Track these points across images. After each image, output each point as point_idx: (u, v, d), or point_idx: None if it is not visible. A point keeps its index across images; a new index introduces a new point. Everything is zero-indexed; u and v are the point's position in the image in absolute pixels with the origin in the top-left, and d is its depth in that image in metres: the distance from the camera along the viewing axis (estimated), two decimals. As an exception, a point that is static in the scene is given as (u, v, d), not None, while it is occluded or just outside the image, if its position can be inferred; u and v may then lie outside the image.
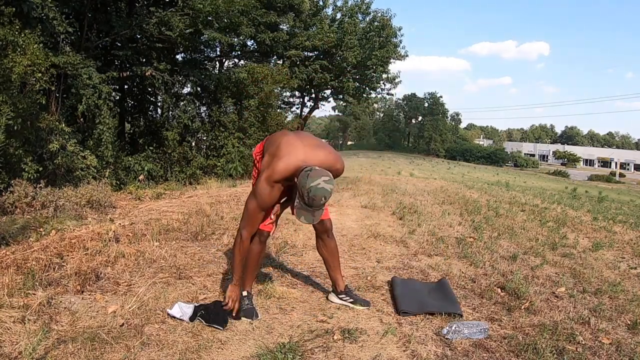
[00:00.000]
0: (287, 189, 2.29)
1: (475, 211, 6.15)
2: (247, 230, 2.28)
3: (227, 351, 2.05)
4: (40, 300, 2.32)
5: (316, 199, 2.03)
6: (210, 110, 10.18)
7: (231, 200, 5.79)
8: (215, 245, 3.70)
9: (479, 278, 3.25)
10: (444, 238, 4.36)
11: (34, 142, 5.53)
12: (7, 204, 4.39)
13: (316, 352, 2.07)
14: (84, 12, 7.72)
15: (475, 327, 2.33)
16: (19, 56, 5.00)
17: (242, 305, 2.40)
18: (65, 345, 1.96)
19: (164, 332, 2.17)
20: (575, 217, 6.55)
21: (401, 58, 24.81)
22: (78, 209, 4.58)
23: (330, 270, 2.61)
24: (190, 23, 8.39)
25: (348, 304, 2.55)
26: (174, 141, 8.99)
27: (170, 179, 8.65)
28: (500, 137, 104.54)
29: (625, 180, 45.36)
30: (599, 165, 71.16)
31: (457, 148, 55.69)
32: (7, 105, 4.78)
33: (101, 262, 3.00)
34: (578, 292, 3.12)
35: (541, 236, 4.86)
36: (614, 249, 4.58)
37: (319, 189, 2.02)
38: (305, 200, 2.06)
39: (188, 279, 2.88)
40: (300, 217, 2.11)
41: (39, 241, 3.26)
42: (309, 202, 2.05)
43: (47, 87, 5.68)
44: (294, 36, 15.26)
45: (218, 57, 13.14)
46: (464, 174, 22.46)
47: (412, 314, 2.52)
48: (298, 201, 2.10)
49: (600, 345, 2.32)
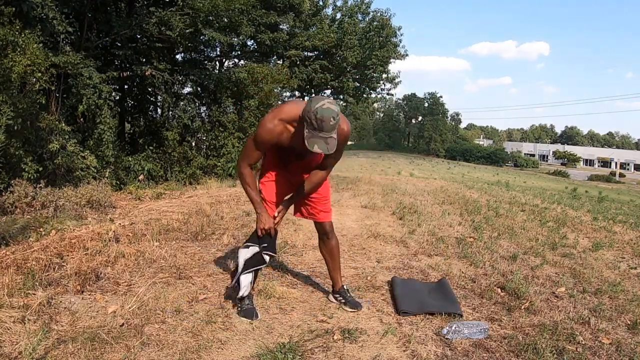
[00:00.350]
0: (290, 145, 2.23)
1: (475, 211, 6.15)
2: (243, 164, 2.33)
3: (227, 351, 2.05)
4: (40, 300, 2.32)
5: (325, 119, 1.97)
6: (210, 110, 10.17)
7: (231, 200, 5.79)
8: (215, 245, 3.70)
9: (479, 278, 3.25)
10: (444, 238, 4.36)
11: (34, 142, 5.52)
12: (7, 204, 4.39)
13: (316, 352, 2.07)
14: (84, 12, 7.71)
15: (475, 327, 2.33)
16: (19, 56, 4.99)
17: (242, 305, 2.40)
18: (65, 345, 1.96)
19: (164, 332, 2.17)
20: (575, 217, 6.55)
21: (401, 58, 24.81)
22: (78, 209, 4.58)
23: (330, 270, 2.65)
24: (190, 23, 8.38)
25: (340, 303, 2.58)
26: (174, 141, 8.98)
27: (170, 179, 8.64)
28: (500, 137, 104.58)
29: (625, 180, 45.36)
30: (599, 165, 71.16)
31: (457, 148, 55.70)
32: (7, 105, 4.78)
33: (101, 262, 3.00)
34: (578, 292, 3.12)
35: (541, 236, 4.86)
36: (614, 249, 4.58)
37: (324, 109, 1.98)
38: (314, 125, 1.98)
39: (188, 279, 2.88)
40: (313, 146, 2.00)
41: (39, 241, 3.26)
42: (318, 125, 1.98)
43: (47, 87, 5.68)
44: (294, 36, 15.26)
45: (218, 57, 13.15)
46: (464, 174, 22.46)
47: (412, 314, 2.52)
48: (307, 131, 2.01)
49: (600, 345, 2.32)
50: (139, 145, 9.83)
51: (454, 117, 63.22)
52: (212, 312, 2.41)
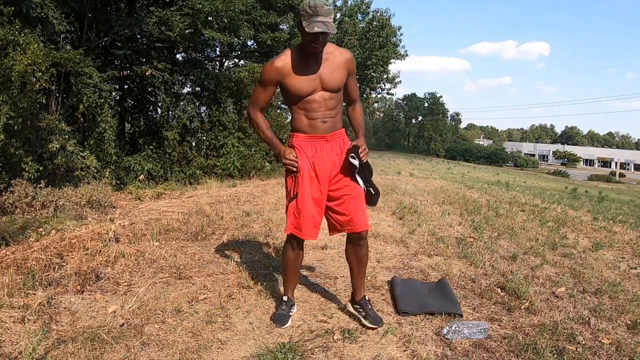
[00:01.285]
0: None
1: (475, 211, 6.15)
2: (252, 108, 2.33)
3: (227, 351, 2.05)
4: (40, 300, 2.32)
5: (318, 5, 2.00)
6: (210, 110, 10.17)
7: (231, 200, 5.79)
8: (215, 245, 3.70)
9: (479, 278, 3.25)
10: (444, 238, 4.36)
11: (34, 142, 5.53)
12: (7, 204, 4.39)
13: (316, 352, 2.07)
14: (84, 12, 7.71)
15: (475, 327, 2.33)
16: (19, 55, 4.99)
17: (278, 309, 2.40)
18: (65, 345, 1.97)
19: (164, 332, 2.17)
20: (575, 217, 6.55)
21: (401, 57, 24.84)
22: (78, 209, 4.58)
23: (353, 277, 2.43)
24: (190, 23, 8.38)
25: (360, 316, 2.38)
26: (174, 141, 8.98)
27: (170, 179, 8.64)
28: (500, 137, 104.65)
29: (625, 180, 45.38)
30: (599, 165, 71.18)
31: (457, 148, 55.71)
32: (7, 105, 4.78)
33: (101, 262, 3.00)
34: (578, 292, 3.12)
35: (541, 236, 4.86)
36: (614, 249, 4.57)
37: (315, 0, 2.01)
38: (310, 12, 2.01)
39: (188, 279, 2.88)
40: (313, 28, 2.00)
41: (39, 241, 3.26)
42: (313, 10, 2.01)
43: (47, 87, 5.68)
44: (294, 36, 15.25)
45: (218, 57, 13.14)
46: (464, 174, 22.46)
47: (412, 314, 2.52)
48: (305, 21, 2.03)
49: (600, 345, 2.32)
50: (139, 145, 9.83)
51: (454, 117, 63.23)
52: (212, 312, 2.41)
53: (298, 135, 2.27)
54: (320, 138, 2.25)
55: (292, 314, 2.40)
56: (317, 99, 2.20)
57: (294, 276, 2.46)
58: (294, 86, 2.18)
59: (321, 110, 2.22)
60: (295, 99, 2.22)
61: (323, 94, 2.20)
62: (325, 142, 2.26)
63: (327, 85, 2.19)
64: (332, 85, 2.20)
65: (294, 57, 2.17)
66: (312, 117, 2.23)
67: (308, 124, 2.24)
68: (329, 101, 2.22)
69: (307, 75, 2.17)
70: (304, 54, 2.15)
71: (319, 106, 2.21)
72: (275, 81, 2.21)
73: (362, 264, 2.41)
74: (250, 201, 5.80)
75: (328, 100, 2.22)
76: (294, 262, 2.39)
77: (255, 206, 5.40)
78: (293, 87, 2.18)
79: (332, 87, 2.20)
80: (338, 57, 2.21)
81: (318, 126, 2.24)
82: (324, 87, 2.20)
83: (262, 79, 2.25)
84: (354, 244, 2.36)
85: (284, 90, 2.23)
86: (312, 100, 2.20)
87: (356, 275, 2.42)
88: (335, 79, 2.20)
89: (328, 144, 2.26)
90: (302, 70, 2.16)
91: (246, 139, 9.83)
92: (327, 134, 2.25)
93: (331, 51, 2.20)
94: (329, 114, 2.24)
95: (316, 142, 2.25)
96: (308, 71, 2.16)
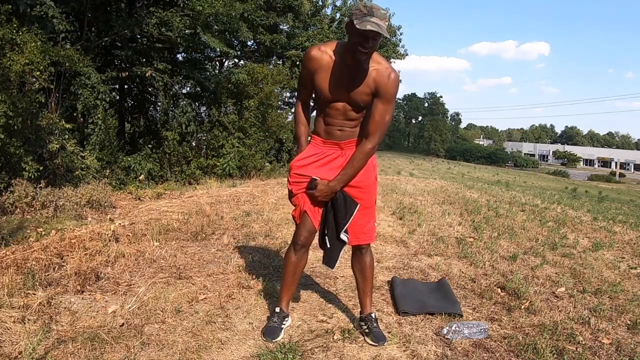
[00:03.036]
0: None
1: (475, 211, 6.15)
2: (297, 100, 2.23)
3: (227, 351, 2.05)
4: (40, 300, 2.32)
5: (374, 7, 1.85)
6: (210, 110, 10.18)
7: (231, 200, 5.79)
8: (215, 245, 3.70)
9: (479, 278, 3.25)
10: (444, 238, 4.36)
11: (34, 142, 5.52)
12: (7, 204, 4.39)
13: (316, 352, 2.07)
14: (84, 12, 7.72)
15: (475, 327, 2.33)
16: (17, 55, 4.99)
17: (269, 321, 2.25)
18: (65, 345, 1.96)
19: (164, 332, 2.17)
20: (575, 217, 6.55)
21: (401, 57, 24.78)
22: (78, 209, 4.58)
23: (359, 291, 2.35)
24: (190, 24, 8.39)
25: (362, 333, 2.25)
26: (173, 141, 8.99)
27: (170, 179, 8.65)
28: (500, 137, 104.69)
29: (625, 180, 45.39)
30: (599, 165, 71.20)
31: (457, 148, 55.75)
32: (5, 105, 4.77)
33: (101, 262, 3.00)
34: (578, 292, 3.12)
35: (541, 236, 4.86)
36: (614, 249, 4.57)
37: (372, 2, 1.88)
38: (364, 12, 1.85)
39: (188, 279, 2.88)
40: (365, 25, 1.82)
41: (39, 241, 3.26)
42: (368, 11, 1.85)
43: (46, 86, 5.68)
44: (293, 36, 15.26)
45: (218, 57, 13.15)
46: (464, 174, 22.47)
47: (412, 314, 2.52)
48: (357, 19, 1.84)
49: (600, 345, 2.32)
50: (139, 145, 9.84)
51: (454, 117, 63.33)
52: (212, 312, 2.41)
53: (315, 138, 2.19)
54: (333, 144, 2.13)
55: (284, 326, 2.25)
56: (339, 107, 2.07)
57: (292, 283, 2.27)
58: (319, 85, 2.05)
59: (340, 119, 2.09)
60: (318, 99, 2.10)
61: (346, 105, 2.06)
62: (339, 149, 2.14)
63: (352, 99, 2.04)
64: (357, 100, 2.03)
65: (335, 54, 2.01)
66: (329, 123, 2.12)
67: (325, 129, 2.14)
68: (350, 113, 2.07)
69: (336, 80, 2.02)
70: (346, 56, 1.97)
71: (339, 114, 2.08)
72: (310, 72, 2.06)
73: (365, 278, 2.30)
74: (250, 201, 5.80)
75: (349, 112, 2.07)
76: (295, 265, 2.23)
77: (255, 206, 5.40)
78: (318, 85, 2.05)
79: (356, 103, 2.04)
80: (376, 73, 1.99)
81: (333, 133, 2.12)
82: (349, 99, 2.04)
83: (302, 69, 2.13)
84: (355, 254, 2.31)
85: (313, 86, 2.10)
86: (333, 108, 2.08)
87: (360, 288, 2.33)
88: (361, 96, 2.02)
89: (342, 151, 2.14)
90: (335, 72, 2.01)
91: (246, 139, 9.84)
92: (342, 141, 2.13)
93: (374, 66, 2.00)
94: (347, 124, 2.10)
95: (329, 147, 2.15)
96: (339, 76, 2.01)
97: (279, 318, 2.24)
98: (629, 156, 73.14)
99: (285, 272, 2.27)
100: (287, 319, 2.29)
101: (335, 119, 2.09)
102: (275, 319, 2.24)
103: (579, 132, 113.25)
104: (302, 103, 2.22)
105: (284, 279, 2.28)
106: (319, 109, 2.15)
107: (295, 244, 2.21)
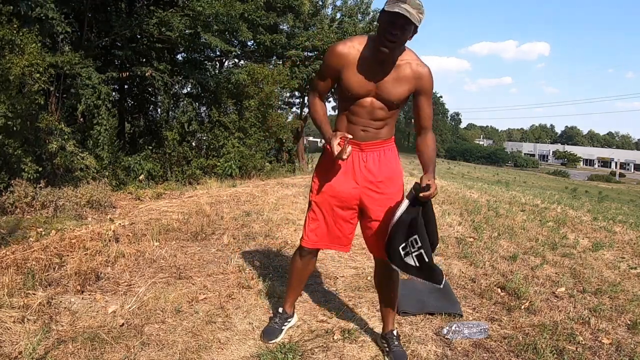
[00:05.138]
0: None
1: (475, 211, 6.15)
2: (312, 93, 2.06)
3: (227, 351, 2.05)
4: (40, 300, 2.32)
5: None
6: (210, 111, 10.18)
7: (231, 200, 5.78)
8: (215, 245, 3.70)
9: (479, 278, 3.25)
10: (444, 238, 4.36)
11: (33, 142, 5.52)
12: (7, 204, 4.39)
13: (316, 352, 2.07)
14: (84, 12, 7.71)
15: (475, 327, 2.33)
16: (17, 56, 4.98)
17: (270, 321, 2.25)
18: (65, 345, 1.96)
19: (164, 332, 2.17)
20: (575, 217, 6.55)
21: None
22: (78, 209, 4.58)
23: (380, 305, 2.21)
24: (190, 24, 8.38)
25: (383, 351, 2.13)
26: (173, 141, 8.98)
27: (170, 179, 8.64)
28: (500, 137, 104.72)
29: (625, 180, 45.41)
30: (599, 165, 71.22)
31: (457, 148, 55.79)
32: (4, 105, 4.77)
33: (101, 262, 3.00)
34: (578, 292, 3.12)
35: (541, 236, 4.86)
36: (614, 249, 4.57)
37: None
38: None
39: (188, 279, 2.88)
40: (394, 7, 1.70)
41: (39, 241, 3.26)
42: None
43: (46, 88, 5.68)
44: (293, 37, 15.26)
45: (218, 57, 13.14)
46: (464, 174, 22.47)
47: (412, 314, 2.52)
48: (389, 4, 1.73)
49: (600, 345, 2.32)
50: (139, 145, 9.84)
51: (454, 117, 63.37)
52: (212, 312, 2.41)
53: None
54: (354, 144, 1.94)
55: (285, 328, 2.22)
56: (366, 104, 1.91)
57: (297, 286, 2.23)
58: (347, 81, 1.90)
59: (365, 118, 1.93)
60: (344, 96, 1.95)
61: (374, 102, 1.91)
62: (359, 151, 1.97)
63: (383, 95, 1.89)
64: (387, 97, 1.89)
65: (364, 48, 1.87)
66: (353, 122, 1.96)
67: (347, 127, 1.97)
68: (378, 111, 1.92)
69: (366, 74, 1.87)
70: (373, 49, 1.83)
71: (365, 113, 1.93)
72: (335, 70, 1.91)
73: (387, 292, 2.12)
74: (250, 201, 5.80)
75: (377, 110, 1.92)
76: (300, 271, 2.17)
77: (255, 206, 5.40)
78: (345, 82, 1.90)
79: (387, 99, 1.90)
80: (410, 68, 1.87)
81: (356, 132, 1.95)
82: (379, 95, 1.90)
83: (323, 62, 1.98)
84: (377, 266, 2.15)
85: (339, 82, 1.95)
86: (359, 105, 1.92)
87: (382, 303, 2.18)
88: (395, 92, 1.88)
89: (362, 152, 1.98)
90: (363, 66, 1.86)
91: (246, 139, 9.84)
92: (363, 142, 1.96)
93: (407, 60, 1.88)
94: (373, 125, 1.95)
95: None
96: (369, 69, 1.86)
97: (280, 319, 2.24)
98: (629, 156, 73.15)
99: (291, 275, 2.24)
100: (290, 320, 2.28)
101: (360, 117, 1.94)
102: (277, 319, 2.23)
103: (579, 132, 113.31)
104: (319, 94, 2.05)
105: (290, 282, 2.25)
106: (342, 107, 2.01)
107: (302, 250, 2.12)
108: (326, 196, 2.02)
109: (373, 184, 1.98)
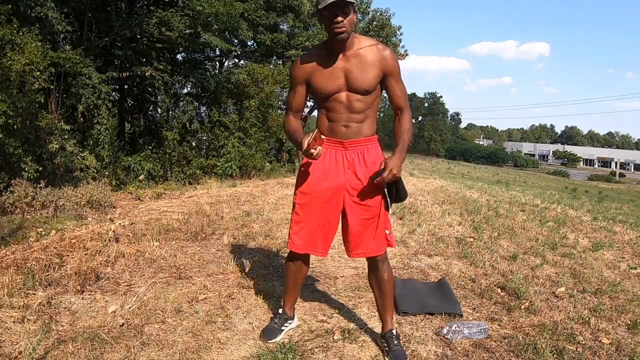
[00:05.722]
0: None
1: (475, 211, 6.15)
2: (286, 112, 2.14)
3: (227, 351, 2.05)
4: (40, 300, 2.32)
5: None
6: (211, 111, 10.18)
7: (231, 200, 5.79)
8: (215, 245, 3.70)
9: (479, 278, 3.25)
10: (444, 238, 4.36)
11: (34, 142, 5.52)
12: (7, 204, 4.39)
13: (316, 352, 2.07)
14: (84, 12, 7.71)
15: (475, 327, 2.33)
16: (17, 55, 4.99)
17: (271, 321, 2.26)
18: (65, 345, 1.97)
19: (164, 332, 2.17)
20: (575, 217, 6.55)
21: (401, 57, 24.74)
22: (78, 209, 4.58)
23: (377, 305, 2.22)
24: (190, 24, 8.38)
25: (383, 351, 2.13)
26: (173, 141, 8.99)
27: (170, 179, 8.64)
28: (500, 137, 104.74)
29: (625, 180, 45.42)
30: (599, 165, 71.23)
31: (457, 148, 55.81)
32: (5, 104, 4.77)
33: (101, 262, 3.00)
34: (578, 292, 3.12)
35: (541, 236, 4.86)
36: (614, 249, 4.57)
37: None
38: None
39: (188, 279, 2.88)
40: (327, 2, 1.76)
41: (39, 241, 3.26)
42: None
43: (46, 87, 5.68)
44: (293, 36, 15.27)
45: (218, 57, 13.14)
46: (464, 173, 22.47)
47: (412, 314, 2.52)
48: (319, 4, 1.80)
49: (600, 345, 2.32)
50: (139, 145, 9.84)
51: (454, 117, 63.40)
52: (212, 312, 2.41)
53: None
54: (337, 143, 2.00)
55: (285, 329, 2.23)
56: (341, 99, 1.96)
57: (293, 288, 2.24)
58: (317, 84, 1.97)
59: (344, 113, 1.97)
60: (319, 99, 2.02)
61: (348, 94, 1.95)
62: (343, 149, 2.01)
63: (353, 85, 1.94)
64: (358, 85, 1.93)
65: (321, 52, 1.98)
66: (333, 120, 2.00)
67: (328, 127, 2.01)
68: (355, 103, 1.96)
69: (332, 72, 1.94)
70: (330, 47, 1.93)
71: (343, 108, 1.97)
72: (303, 80, 2.01)
73: (384, 293, 2.13)
74: (250, 201, 5.80)
75: (354, 102, 1.96)
76: (294, 274, 2.19)
77: (255, 206, 5.40)
78: (316, 85, 1.98)
79: (358, 88, 1.94)
80: (372, 54, 1.93)
81: (338, 130, 1.99)
82: (350, 87, 1.95)
83: (290, 79, 2.08)
84: (371, 268, 2.14)
85: (310, 89, 2.03)
86: (335, 101, 1.97)
87: (379, 303, 2.18)
88: (364, 79, 1.92)
89: (346, 151, 2.01)
90: (327, 67, 1.94)
91: (247, 139, 9.84)
92: (346, 139, 1.99)
93: (366, 47, 1.94)
94: (353, 118, 1.98)
95: (332, 147, 2.01)
96: (333, 68, 1.94)
97: (280, 320, 2.24)
98: (629, 156, 73.15)
99: (286, 278, 2.25)
100: (291, 321, 2.28)
101: (340, 114, 1.98)
102: (277, 320, 2.24)
103: (579, 132, 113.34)
104: (294, 113, 2.11)
105: (286, 285, 2.26)
106: (320, 107, 2.05)
107: (291, 253, 2.15)
108: (309, 197, 2.05)
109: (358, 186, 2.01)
